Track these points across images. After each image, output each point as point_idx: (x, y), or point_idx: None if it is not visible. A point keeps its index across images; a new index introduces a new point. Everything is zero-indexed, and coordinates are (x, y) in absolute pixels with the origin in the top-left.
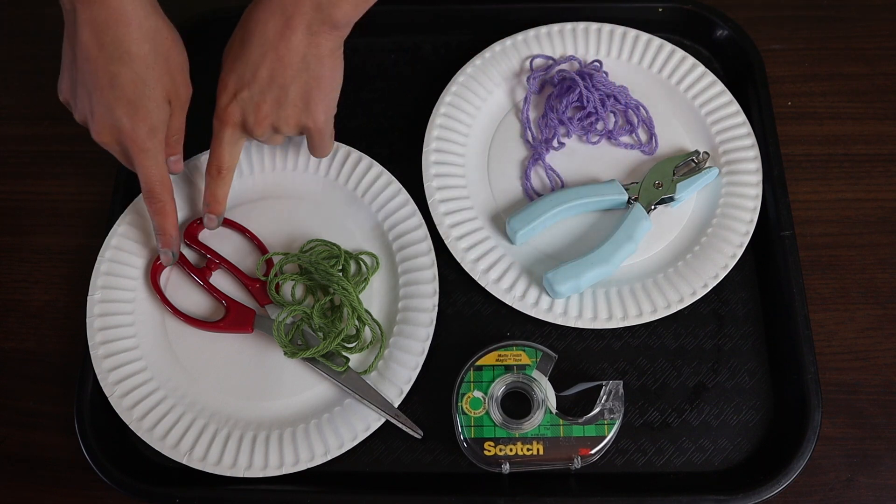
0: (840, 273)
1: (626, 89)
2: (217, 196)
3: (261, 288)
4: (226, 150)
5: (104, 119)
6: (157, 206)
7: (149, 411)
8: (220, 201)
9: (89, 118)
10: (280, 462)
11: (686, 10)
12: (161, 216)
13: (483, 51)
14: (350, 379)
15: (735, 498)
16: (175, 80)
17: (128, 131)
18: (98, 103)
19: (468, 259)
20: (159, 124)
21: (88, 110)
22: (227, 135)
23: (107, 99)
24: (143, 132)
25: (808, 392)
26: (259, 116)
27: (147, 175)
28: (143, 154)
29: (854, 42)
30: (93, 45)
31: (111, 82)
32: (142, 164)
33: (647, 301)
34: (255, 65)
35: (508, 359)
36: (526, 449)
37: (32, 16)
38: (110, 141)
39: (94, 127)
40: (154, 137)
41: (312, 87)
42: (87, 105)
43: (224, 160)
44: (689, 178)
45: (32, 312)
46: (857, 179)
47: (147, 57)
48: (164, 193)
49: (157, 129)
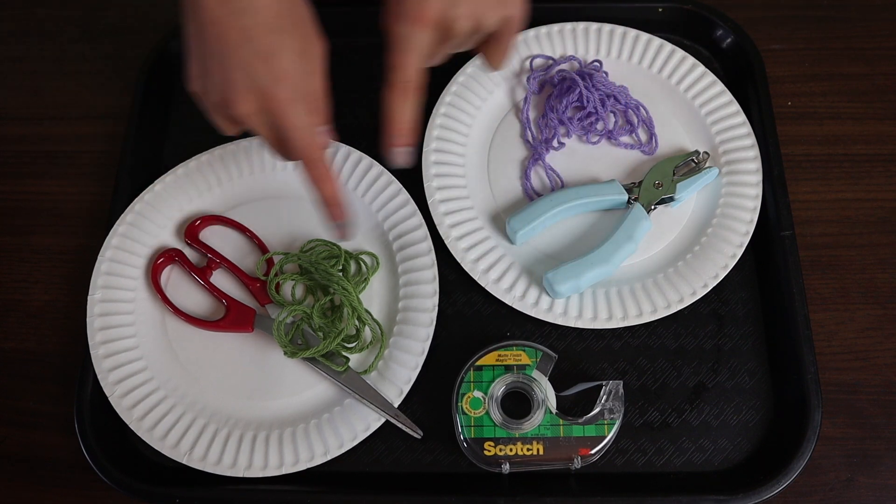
0: (840, 273)
1: (626, 89)
2: (406, 120)
3: (261, 287)
4: (416, 58)
5: (243, 83)
6: (317, 171)
7: (149, 411)
8: (411, 128)
9: (228, 91)
10: (280, 462)
11: (686, 10)
12: (325, 182)
13: None
14: (350, 379)
15: (735, 498)
16: (306, 33)
17: (270, 90)
18: (233, 67)
19: (468, 259)
20: (300, 81)
21: (225, 81)
22: (419, 38)
23: (241, 57)
24: (287, 89)
25: (808, 392)
26: (468, 9)
27: (299, 137)
28: (291, 113)
29: (854, 42)
30: (215, 4)
31: (243, 36)
32: (291, 125)
33: (647, 301)
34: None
35: (508, 359)
36: (526, 449)
37: (32, 16)
38: (254, 110)
39: (235, 97)
40: (297, 94)
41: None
42: (222, 75)
43: (414, 70)
44: (689, 178)
45: (32, 312)
46: (857, 179)
47: (271, 5)
48: (322, 156)
49: (298, 86)
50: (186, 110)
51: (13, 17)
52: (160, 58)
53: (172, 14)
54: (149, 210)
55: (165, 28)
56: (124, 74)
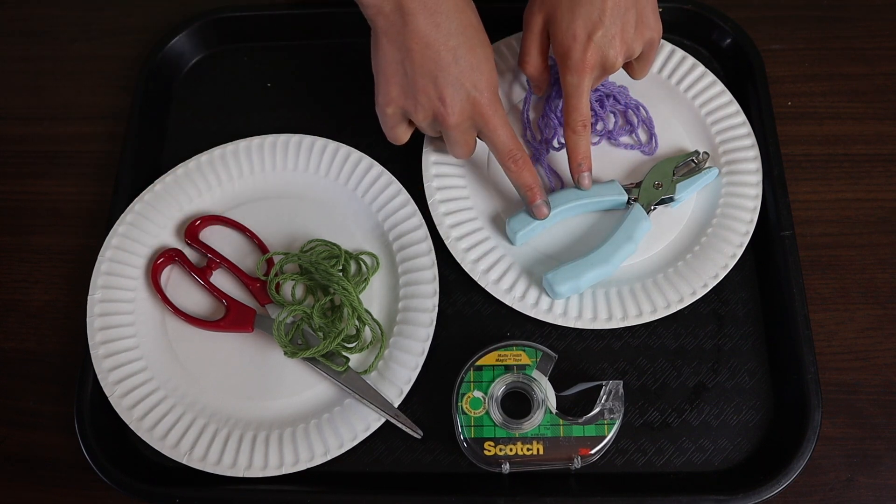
0: (840, 273)
1: (626, 89)
2: (587, 151)
3: (261, 287)
4: (586, 100)
5: (456, 96)
6: (519, 163)
7: (149, 411)
8: (589, 156)
9: (439, 106)
10: (280, 462)
11: (686, 10)
12: (526, 172)
13: None
14: (350, 379)
15: (735, 498)
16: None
17: (479, 100)
18: (446, 84)
19: (468, 259)
20: (495, 86)
21: (436, 98)
22: (587, 83)
23: (454, 75)
24: (491, 96)
25: (808, 392)
26: (620, 47)
27: (504, 137)
28: (496, 117)
29: (854, 42)
30: (430, 28)
31: (454, 57)
32: (497, 127)
33: (647, 301)
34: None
35: (508, 359)
36: (526, 449)
37: (32, 16)
38: (463, 119)
39: (447, 110)
40: (498, 99)
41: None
42: (433, 93)
43: (587, 112)
44: (688, 178)
45: (32, 312)
46: (857, 179)
47: (473, 23)
48: (521, 150)
49: (494, 91)
50: (186, 110)
51: (14, 17)
52: (160, 58)
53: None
54: (149, 210)
55: (165, 28)
56: (124, 74)
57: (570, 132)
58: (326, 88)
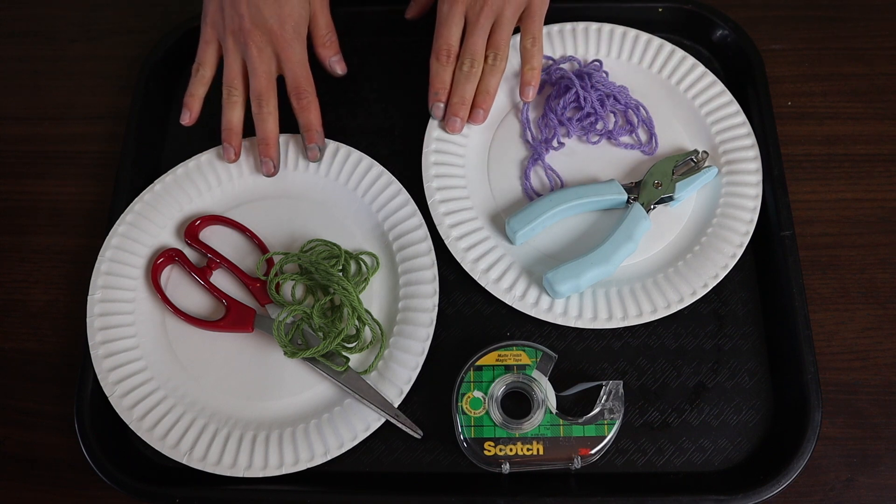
0: (840, 273)
1: (626, 89)
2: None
3: (261, 287)
4: (456, 31)
5: (255, 21)
6: (303, 102)
7: (149, 411)
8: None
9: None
10: (280, 462)
11: (686, 10)
12: (308, 112)
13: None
14: (350, 379)
15: (735, 498)
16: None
17: (276, 30)
18: (247, 5)
19: (468, 259)
20: (301, 21)
21: (238, 18)
22: (457, 11)
23: (257, 4)
24: (290, 30)
25: (808, 392)
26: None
27: (294, 71)
28: (290, 50)
29: (854, 42)
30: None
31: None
32: (289, 59)
33: (647, 301)
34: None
35: (508, 359)
36: (526, 449)
37: (31, 16)
38: (264, 42)
39: (245, 31)
40: (298, 35)
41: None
42: (237, 14)
43: (453, 42)
44: (688, 177)
45: (32, 312)
46: (857, 179)
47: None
48: (309, 89)
49: (299, 27)
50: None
51: (13, 17)
52: (160, 58)
53: (172, 14)
54: (149, 210)
55: (165, 28)
56: (124, 74)
57: (433, 59)
58: (326, 88)
